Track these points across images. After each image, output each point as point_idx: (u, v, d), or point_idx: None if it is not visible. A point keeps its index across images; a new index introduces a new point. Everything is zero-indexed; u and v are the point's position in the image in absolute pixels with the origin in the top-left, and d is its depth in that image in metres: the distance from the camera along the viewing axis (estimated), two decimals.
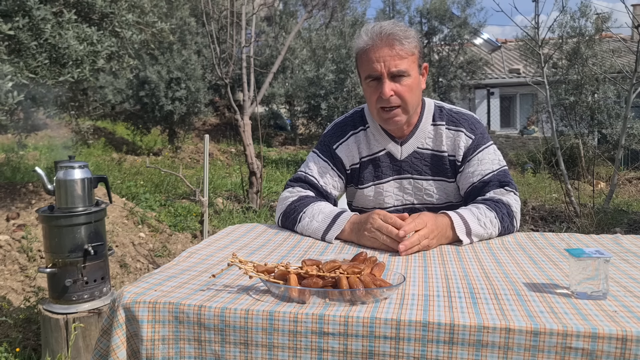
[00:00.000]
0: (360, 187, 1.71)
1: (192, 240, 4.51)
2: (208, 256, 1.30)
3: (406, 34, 1.52)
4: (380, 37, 1.51)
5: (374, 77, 1.53)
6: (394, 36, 1.50)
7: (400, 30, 1.51)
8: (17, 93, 3.09)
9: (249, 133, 5.87)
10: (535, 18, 5.63)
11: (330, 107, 10.17)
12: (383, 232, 1.34)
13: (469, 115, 1.66)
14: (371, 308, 0.94)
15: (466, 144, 1.61)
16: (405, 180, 1.67)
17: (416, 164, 1.65)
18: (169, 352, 0.97)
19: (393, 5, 13.63)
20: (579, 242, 1.42)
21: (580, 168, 8.37)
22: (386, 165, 1.67)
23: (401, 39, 1.50)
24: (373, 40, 1.51)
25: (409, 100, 1.54)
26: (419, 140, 1.65)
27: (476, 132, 1.62)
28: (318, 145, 1.74)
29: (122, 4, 3.82)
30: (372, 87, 1.55)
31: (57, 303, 2.34)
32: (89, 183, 2.38)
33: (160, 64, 9.20)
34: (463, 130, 1.62)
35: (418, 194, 1.68)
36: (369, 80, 1.55)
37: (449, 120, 1.64)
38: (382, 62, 1.50)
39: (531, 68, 12.01)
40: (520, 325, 0.86)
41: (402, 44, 1.50)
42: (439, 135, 1.64)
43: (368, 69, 1.53)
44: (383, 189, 1.68)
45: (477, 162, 1.59)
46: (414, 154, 1.65)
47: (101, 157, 8.47)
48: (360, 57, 1.57)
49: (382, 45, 1.50)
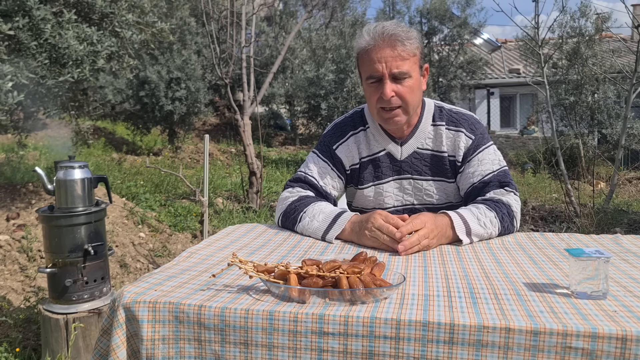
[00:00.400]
0: (360, 188, 1.71)
1: (192, 240, 4.51)
2: (208, 256, 1.30)
3: (408, 34, 1.51)
4: (383, 37, 1.50)
5: (375, 77, 1.53)
6: (396, 37, 1.50)
7: (403, 31, 1.51)
8: (17, 93, 3.10)
9: (249, 133, 5.87)
10: (535, 18, 5.63)
11: (330, 107, 10.17)
12: (384, 231, 1.34)
13: (468, 116, 1.66)
14: (371, 308, 0.94)
15: (466, 144, 1.61)
16: (405, 181, 1.67)
17: (416, 164, 1.65)
18: (169, 352, 0.97)
19: (393, 5, 13.63)
20: (579, 242, 1.42)
21: (580, 168, 8.37)
22: (386, 166, 1.67)
23: (403, 40, 1.50)
24: (375, 41, 1.51)
25: (410, 101, 1.54)
26: (418, 141, 1.65)
27: (476, 133, 1.62)
28: (318, 146, 1.74)
29: (122, 4, 3.82)
30: (373, 87, 1.55)
31: (57, 303, 2.35)
32: (89, 183, 2.38)
33: (160, 64, 9.20)
34: (463, 131, 1.62)
35: (418, 195, 1.68)
36: (370, 80, 1.54)
37: (449, 120, 1.64)
38: (383, 62, 1.50)
39: (531, 68, 12.02)
40: (520, 325, 0.86)
41: (404, 45, 1.50)
42: (438, 136, 1.64)
43: (369, 69, 1.53)
44: (383, 190, 1.68)
45: (477, 163, 1.60)
46: (414, 154, 1.65)
47: (101, 157, 8.47)
48: (362, 57, 1.56)
49: (384, 45, 1.50)
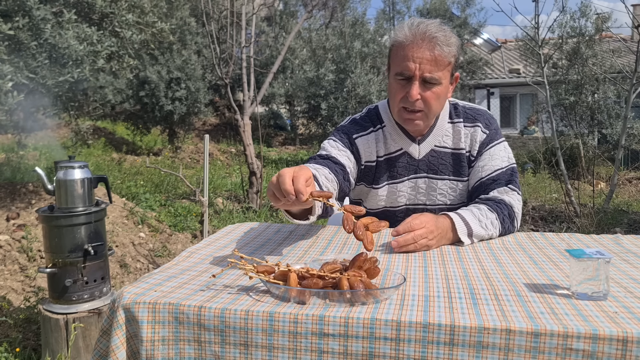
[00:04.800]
0: (374, 187, 1.67)
1: (192, 240, 4.51)
2: (208, 256, 1.30)
3: (449, 40, 1.47)
4: (423, 37, 1.45)
5: (405, 76, 1.48)
6: (436, 40, 1.45)
7: (444, 36, 1.46)
8: (17, 93, 3.09)
9: (249, 133, 5.87)
10: (535, 18, 5.63)
11: (330, 107, 10.16)
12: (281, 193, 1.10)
13: (483, 111, 1.66)
14: (371, 309, 0.93)
15: (481, 138, 1.61)
16: (420, 180, 1.65)
17: (433, 162, 1.64)
18: (168, 353, 0.97)
19: (393, 5, 13.64)
20: (579, 242, 1.42)
21: (580, 168, 8.37)
22: (403, 165, 1.64)
23: (442, 45, 1.45)
24: (415, 37, 1.46)
25: (434, 107, 1.51)
26: (436, 139, 1.63)
27: (490, 128, 1.62)
28: (334, 134, 1.65)
29: (122, 4, 3.82)
30: (400, 84, 1.50)
31: (57, 303, 2.34)
32: (89, 183, 2.38)
33: (160, 64, 9.19)
34: (480, 125, 1.62)
35: (431, 194, 1.66)
36: (399, 77, 1.50)
37: (465, 117, 1.64)
38: (418, 63, 1.45)
39: (531, 68, 12.01)
40: (521, 326, 0.85)
41: (442, 50, 1.45)
42: (457, 133, 1.63)
43: (401, 65, 1.48)
44: (397, 189, 1.66)
45: (488, 157, 1.59)
46: (431, 152, 1.63)
47: (101, 157, 8.47)
48: (396, 51, 1.51)
49: (423, 46, 1.45)
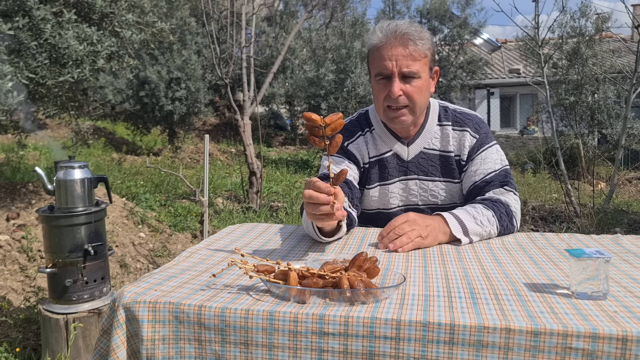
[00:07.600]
0: (367, 188, 1.70)
1: (192, 240, 4.51)
2: (208, 256, 1.30)
3: (421, 35, 1.51)
4: (395, 35, 1.50)
5: (385, 75, 1.52)
6: (408, 36, 1.49)
7: (415, 31, 1.51)
8: (17, 93, 3.09)
9: (249, 133, 5.87)
10: (535, 18, 5.63)
11: (330, 107, 10.16)
12: (314, 200, 1.15)
13: (473, 115, 1.67)
14: (371, 308, 0.93)
15: (471, 143, 1.62)
16: (411, 181, 1.67)
17: (423, 164, 1.65)
18: (169, 352, 0.97)
19: (393, 5, 13.64)
20: (579, 242, 1.42)
21: (580, 168, 8.37)
22: (392, 167, 1.67)
23: (415, 40, 1.49)
24: (387, 38, 1.50)
25: (417, 101, 1.54)
26: (425, 141, 1.65)
27: (480, 132, 1.63)
28: None
29: (122, 4, 3.82)
30: (381, 84, 1.54)
31: (57, 303, 2.34)
32: (89, 183, 2.38)
33: (160, 64, 9.19)
34: (468, 130, 1.63)
35: (423, 195, 1.68)
36: (379, 77, 1.54)
37: (454, 120, 1.65)
38: (394, 60, 1.49)
39: (531, 68, 12.01)
40: (521, 325, 0.86)
41: (415, 45, 1.49)
42: (445, 136, 1.64)
43: (379, 66, 1.52)
44: (388, 190, 1.68)
45: (480, 161, 1.60)
46: (420, 155, 1.65)
47: (101, 157, 8.46)
48: (373, 54, 1.56)
49: (396, 44, 1.49)
